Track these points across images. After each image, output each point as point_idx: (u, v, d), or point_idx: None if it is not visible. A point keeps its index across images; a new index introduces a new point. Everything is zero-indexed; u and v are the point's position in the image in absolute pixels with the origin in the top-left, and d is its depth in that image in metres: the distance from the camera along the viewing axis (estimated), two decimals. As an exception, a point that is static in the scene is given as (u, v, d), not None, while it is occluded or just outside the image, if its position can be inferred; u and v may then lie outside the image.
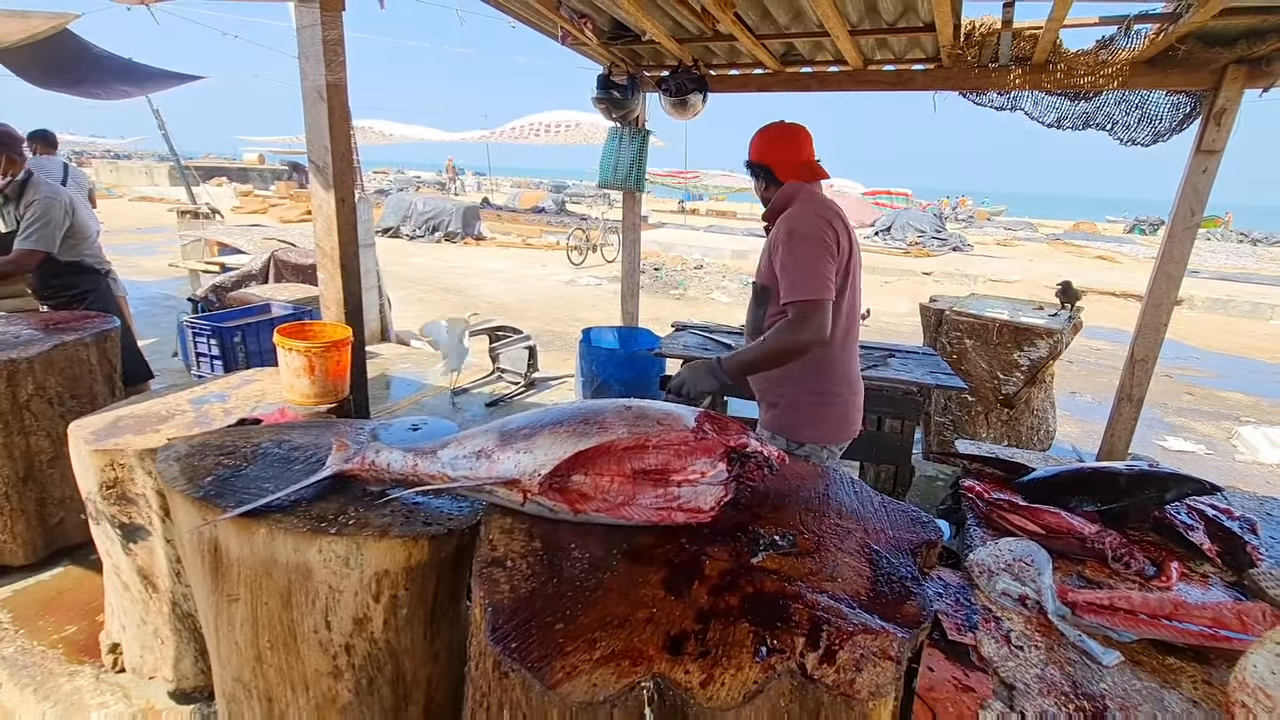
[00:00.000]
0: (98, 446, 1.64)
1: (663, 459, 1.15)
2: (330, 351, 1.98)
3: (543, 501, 1.14)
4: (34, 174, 2.95)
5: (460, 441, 1.22)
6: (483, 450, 1.17)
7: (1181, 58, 2.84)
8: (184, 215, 8.33)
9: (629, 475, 1.14)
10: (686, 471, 1.15)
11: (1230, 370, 7.42)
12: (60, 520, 2.42)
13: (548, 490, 1.12)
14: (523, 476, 1.12)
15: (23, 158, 2.95)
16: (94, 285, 3.10)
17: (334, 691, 1.26)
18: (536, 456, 1.13)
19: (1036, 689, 0.92)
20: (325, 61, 1.97)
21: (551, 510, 1.15)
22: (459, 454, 1.19)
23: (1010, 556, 1.20)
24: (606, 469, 1.13)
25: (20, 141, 2.96)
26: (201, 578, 1.32)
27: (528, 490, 1.12)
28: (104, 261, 3.18)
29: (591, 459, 1.13)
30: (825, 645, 0.91)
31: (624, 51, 3.95)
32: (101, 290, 3.12)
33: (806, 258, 1.73)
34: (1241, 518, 1.38)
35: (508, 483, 1.13)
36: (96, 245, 3.16)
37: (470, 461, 1.17)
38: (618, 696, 0.82)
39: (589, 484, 1.13)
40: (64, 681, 1.90)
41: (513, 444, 1.16)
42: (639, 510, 1.15)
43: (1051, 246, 20.12)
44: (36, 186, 2.89)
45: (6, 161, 2.85)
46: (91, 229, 3.15)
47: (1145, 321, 3.21)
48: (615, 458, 1.14)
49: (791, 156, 1.92)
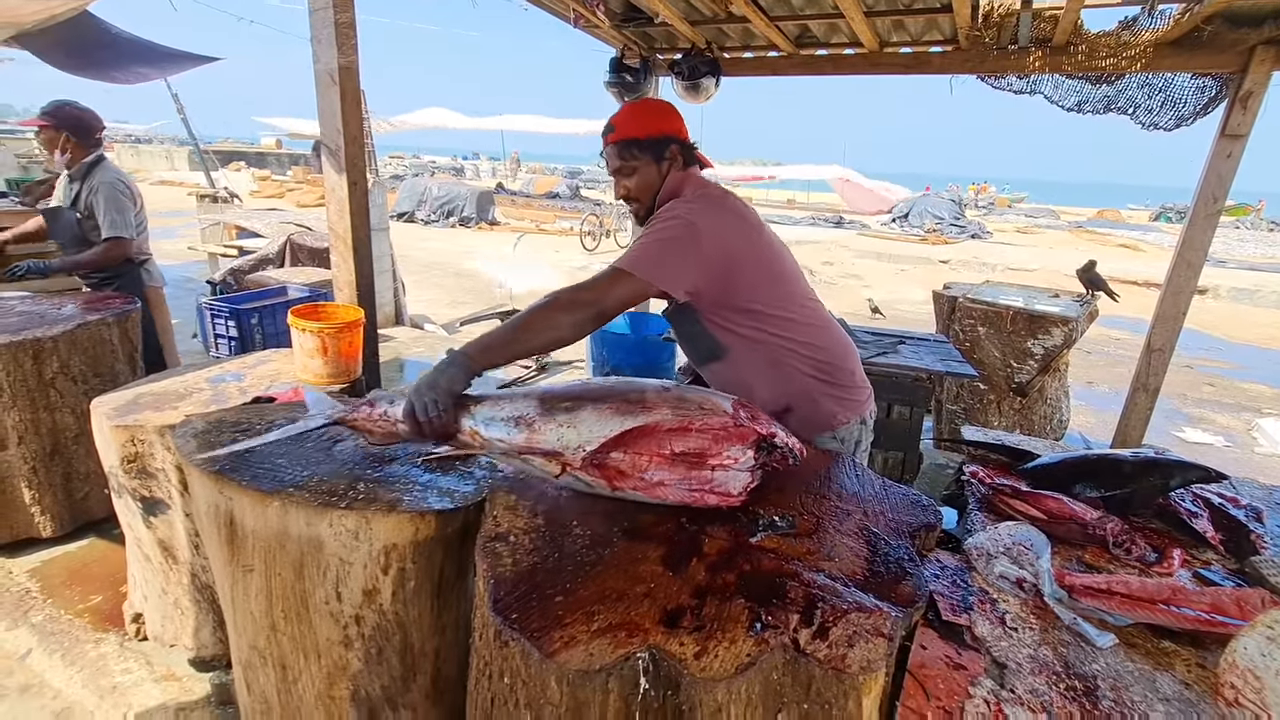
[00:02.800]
0: (119, 422, 1.69)
1: (701, 443, 1.17)
2: (343, 332, 2.02)
3: (581, 476, 1.15)
4: (105, 158, 2.98)
5: (496, 402, 1.20)
6: (521, 417, 1.16)
7: (1207, 39, 2.77)
8: (203, 199, 8.44)
9: (667, 456, 1.16)
10: (721, 456, 1.17)
11: (1254, 361, 7.27)
12: (85, 495, 2.49)
13: (588, 466, 1.13)
14: (565, 450, 1.13)
15: (89, 144, 2.94)
16: (124, 272, 3.08)
17: (345, 660, 1.30)
18: (581, 432, 1.14)
19: (1028, 668, 0.93)
20: (337, 44, 1.98)
21: (588, 485, 1.17)
22: (494, 415, 1.17)
23: (1009, 541, 1.21)
24: (647, 449, 1.16)
25: (91, 129, 2.95)
26: (218, 549, 1.36)
27: (569, 464, 1.13)
28: (143, 251, 3.15)
29: (634, 438, 1.15)
30: (819, 622, 0.93)
31: (636, 34, 3.92)
32: (129, 279, 3.10)
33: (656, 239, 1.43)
34: (1247, 506, 1.37)
35: (549, 454, 1.13)
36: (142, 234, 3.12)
37: (507, 427, 1.16)
38: (613, 666, 0.84)
39: (628, 462, 1.15)
40: (90, 648, 1.97)
41: (554, 415, 1.15)
42: (673, 491, 1.17)
43: (1073, 234, 19.75)
44: (105, 169, 2.92)
45: (65, 141, 2.87)
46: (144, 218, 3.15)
47: (1163, 310, 3.16)
48: (657, 439, 1.16)
49: (684, 131, 1.57)
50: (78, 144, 2.91)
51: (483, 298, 8.13)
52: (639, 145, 1.51)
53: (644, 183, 1.54)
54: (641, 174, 1.53)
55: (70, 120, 2.91)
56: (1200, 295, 10.78)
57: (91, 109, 2.97)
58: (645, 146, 1.51)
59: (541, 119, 15.21)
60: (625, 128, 1.53)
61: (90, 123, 2.96)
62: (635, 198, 1.57)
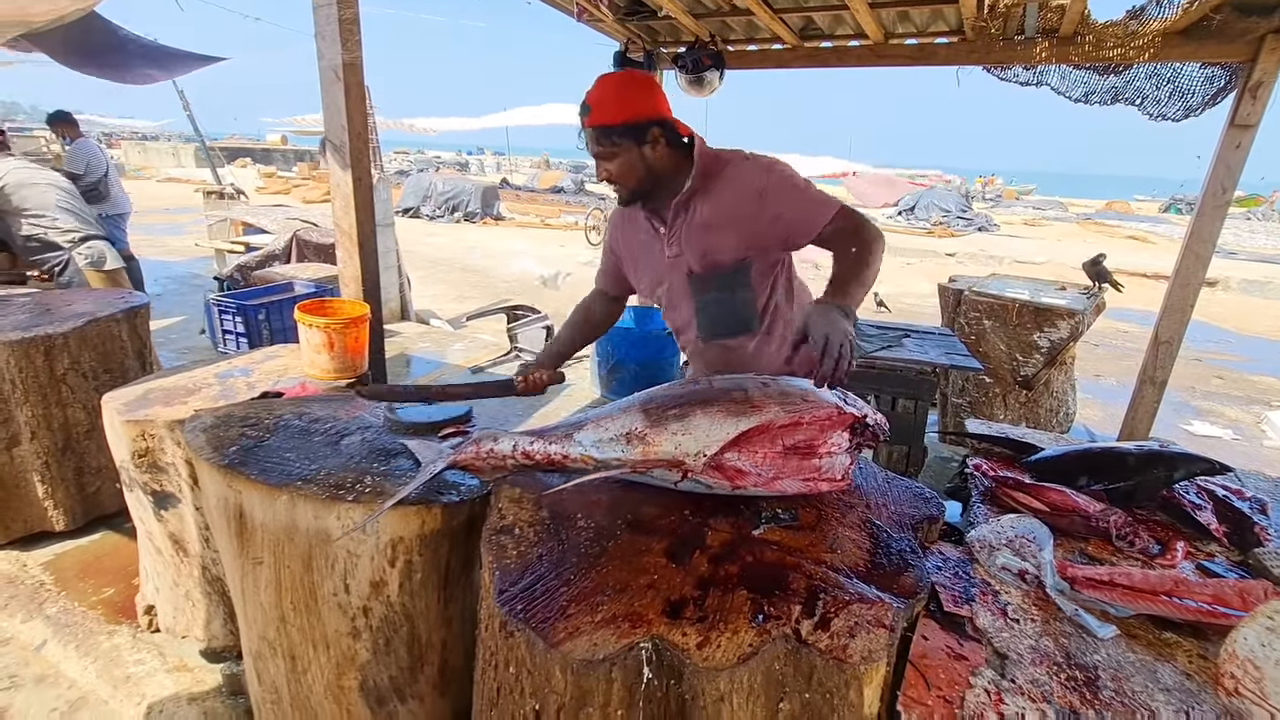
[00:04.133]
0: (129, 417, 1.71)
1: (811, 434, 1.20)
2: (349, 328, 2.03)
3: (702, 479, 1.17)
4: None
5: (598, 424, 1.23)
6: (632, 433, 1.19)
7: (1216, 28, 2.74)
8: (210, 196, 8.48)
9: (781, 451, 1.19)
10: (829, 444, 1.21)
11: (1265, 354, 7.22)
12: (97, 489, 2.53)
13: (709, 470, 1.16)
14: (686, 458, 1.15)
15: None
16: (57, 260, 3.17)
17: (353, 651, 1.32)
18: (698, 438, 1.16)
19: (1029, 659, 0.93)
20: (341, 41, 1.99)
21: (709, 487, 1.19)
22: (602, 437, 1.21)
23: (1012, 533, 1.21)
24: (761, 446, 1.18)
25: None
26: (228, 542, 1.38)
27: (690, 470, 1.16)
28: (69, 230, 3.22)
29: (749, 438, 1.17)
30: (821, 613, 0.94)
31: (640, 27, 3.91)
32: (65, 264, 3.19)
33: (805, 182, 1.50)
34: (1252, 498, 1.37)
35: (670, 464, 1.16)
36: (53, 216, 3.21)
37: (620, 445, 1.18)
38: (617, 656, 0.86)
39: (744, 461, 1.18)
40: (103, 640, 2.00)
41: (666, 425, 1.18)
42: (789, 483, 1.20)
43: (1081, 227, 19.60)
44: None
45: None
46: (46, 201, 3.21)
47: (1171, 302, 3.14)
48: (770, 435, 1.18)
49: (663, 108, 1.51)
50: None
51: (488, 292, 8.15)
52: (616, 132, 1.46)
53: (626, 167, 1.49)
54: (623, 159, 1.48)
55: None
56: (1210, 287, 10.69)
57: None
58: (624, 133, 1.46)
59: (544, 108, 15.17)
60: (601, 112, 1.46)
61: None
62: (618, 180, 1.52)
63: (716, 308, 1.62)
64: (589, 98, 1.49)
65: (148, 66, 6.39)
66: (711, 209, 1.52)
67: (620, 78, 1.53)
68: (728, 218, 1.51)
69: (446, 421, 1.58)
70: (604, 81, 1.50)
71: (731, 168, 1.52)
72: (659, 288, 1.70)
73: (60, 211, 3.24)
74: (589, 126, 1.48)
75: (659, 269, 1.67)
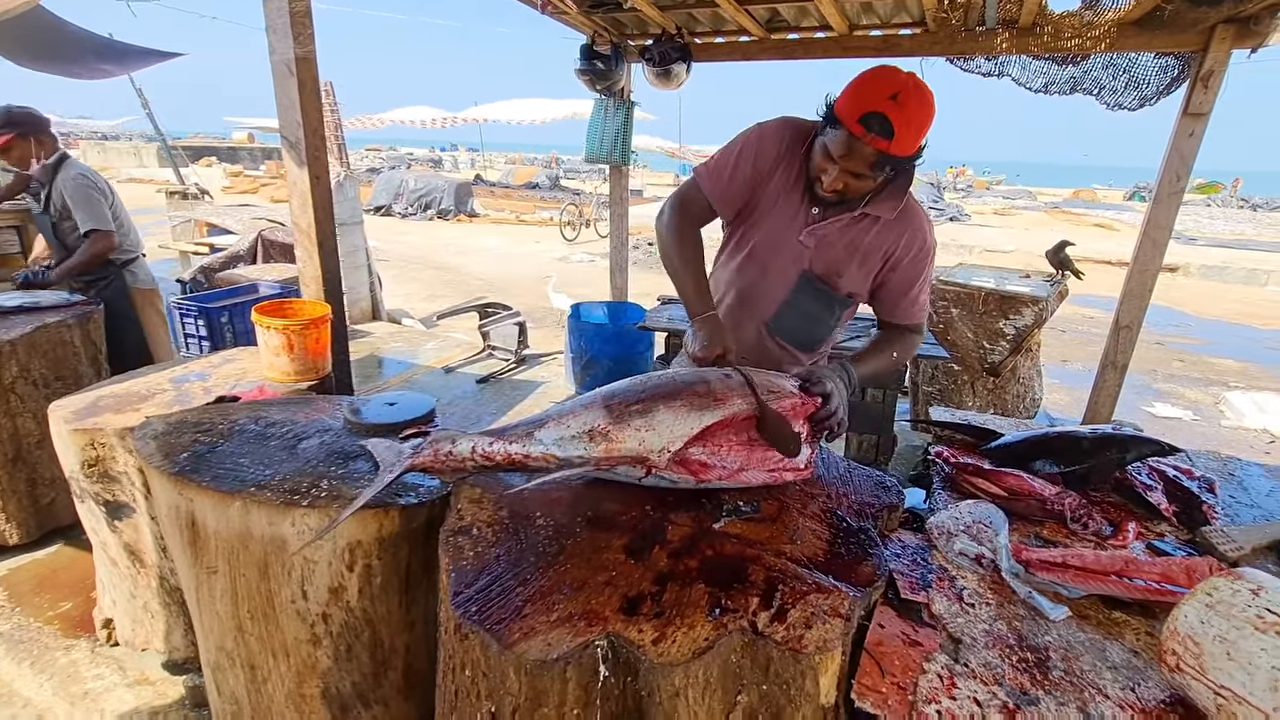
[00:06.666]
0: (77, 426, 1.66)
1: None
2: (309, 329, 1.99)
3: (666, 475, 1.17)
4: (69, 155, 2.90)
5: (559, 421, 1.20)
6: (595, 430, 1.16)
7: (1168, 18, 2.80)
8: (173, 196, 8.26)
9: (745, 442, 1.20)
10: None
11: (1222, 337, 7.44)
12: (52, 501, 2.45)
13: (673, 465, 1.15)
14: (650, 454, 1.14)
15: (54, 139, 2.89)
16: (105, 275, 2.96)
17: (314, 658, 1.30)
18: (662, 434, 1.15)
19: (983, 642, 0.94)
20: (293, 35, 1.93)
21: (673, 482, 1.18)
22: (563, 435, 1.18)
23: (970, 518, 1.23)
24: (726, 439, 1.19)
25: (48, 124, 2.89)
26: (181, 551, 1.35)
27: (655, 466, 1.15)
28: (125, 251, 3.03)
29: (713, 430, 1.17)
30: (778, 604, 0.94)
31: (606, 20, 3.88)
32: (111, 281, 2.98)
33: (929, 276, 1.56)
34: (1201, 478, 1.40)
35: (634, 460, 1.15)
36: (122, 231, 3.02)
37: (582, 442, 1.16)
38: (571, 654, 0.85)
39: (708, 454, 1.18)
40: (60, 655, 1.95)
41: (629, 422, 1.16)
42: (754, 474, 1.21)
43: (1049, 215, 19.99)
44: (69, 166, 2.85)
45: (36, 144, 2.82)
46: (124, 214, 3.04)
47: (1130, 288, 3.21)
48: (734, 427, 1.19)
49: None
50: (48, 143, 2.85)
51: (460, 290, 8.06)
52: (902, 162, 1.35)
53: (868, 186, 1.40)
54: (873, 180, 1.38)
55: (31, 123, 2.83)
56: (1171, 273, 10.99)
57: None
58: (905, 163, 1.37)
59: (518, 103, 15.02)
60: (906, 139, 1.28)
61: (44, 118, 2.89)
62: (850, 193, 1.41)
63: (805, 314, 1.59)
64: (894, 116, 1.25)
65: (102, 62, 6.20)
66: (876, 240, 1.48)
67: (927, 97, 1.28)
68: (878, 256, 1.49)
69: (408, 422, 1.55)
70: (910, 97, 1.25)
71: (916, 218, 1.49)
72: (766, 245, 1.55)
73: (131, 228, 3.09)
74: (880, 150, 1.28)
75: (777, 234, 1.52)
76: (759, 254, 1.56)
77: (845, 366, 1.43)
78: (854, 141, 1.29)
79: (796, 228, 1.50)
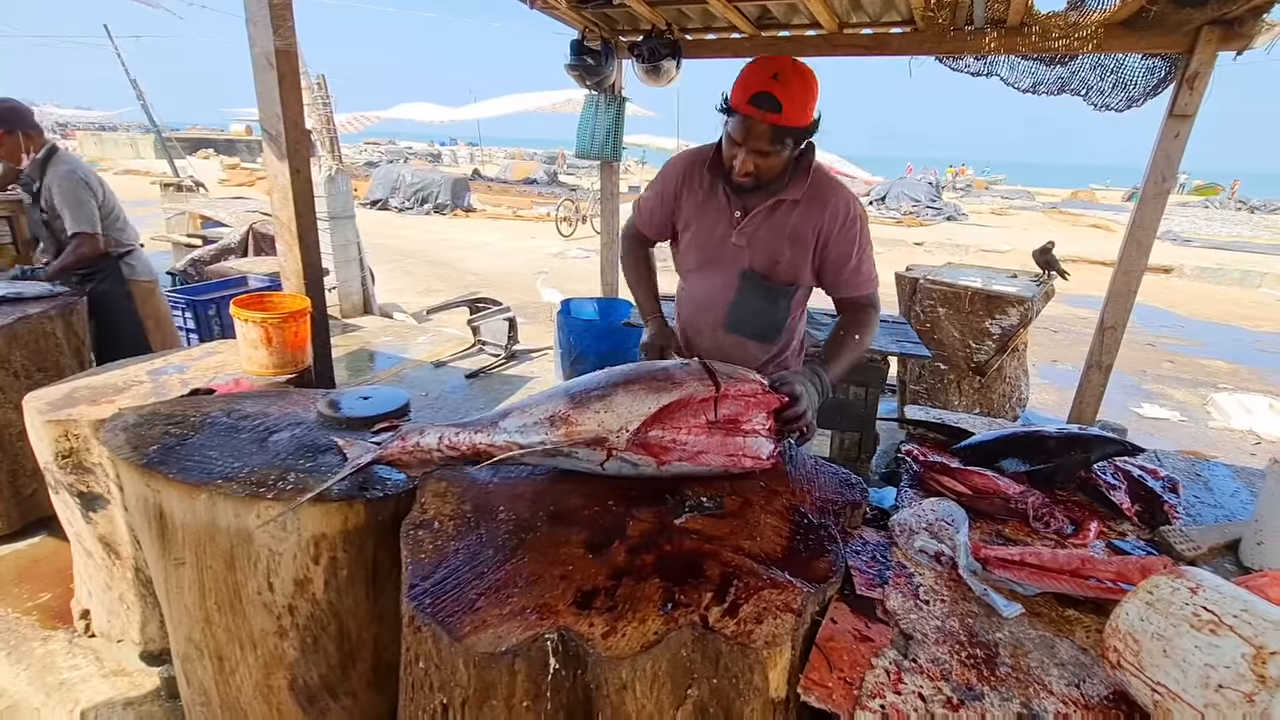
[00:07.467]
0: (51, 417, 1.66)
1: (735, 408, 1.23)
2: (288, 322, 1.99)
3: (628, 457, 1.17)
4: (58, 149, 2.87)
5: (523, 411, 1.22)
6: (556, 415, 1.17)
7: (1154, 19, 2.80)
8: (167, 188, 8.23)
9: (704, 426, 1.21)
10: (752, 422, 1.24)
11: (1214, 338, 7.45)
12: (34, 492, 2.45)
13: (633, 446, 1.16)
14: (609, 434, 1.15)
15: (39, 131, 2.85)
16: (102, 268, 2.92)
17: (280, 650, 1.30)
18: (620, 415, 1.16)
19: (933, 638, 0.95)
20: (273, 26, 1.93)
21: (635, 465, 1.19)
22: (526, 422, 1.19)
23: (932, 516, 1.24)
24: (685, 422, 1.20)
25: (31, 114, 2.86)
26: (150, 543, 1.35)
27: (614, 448, 1.16)
28: (120, 244, 2.99)
29: (672, 413, 1.18)
30: (731, 599, 0.95)
31: (597, 15, 3.87)
32: (108, 275, 2.94)
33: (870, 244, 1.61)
34: (1165, 478, 1.41)
35: (593, 441, 1.15)
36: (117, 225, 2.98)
37: (544, 428, 1.17)
38: (520, 647, 0.86)
39: (668, 437, 1.19)
40: (37, 646, 1.95)
41: (589, 405, 1.17)
42: (714, 458, 1.22)
43: (1047, 215, 19.99)
44: (59, 161, 2.81)
45: (25, 138, 2.78)
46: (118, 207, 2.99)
47: (1115, 289, 3.21)
48: (693, 410, 1.20)
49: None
50: (35, 137, 2.81)
51: (455, 285, 8.05)
52: (796, 134, 1.42)
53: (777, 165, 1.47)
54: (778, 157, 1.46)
55: (15, 117, 2.79)
56: (1166, 274, 11.00)
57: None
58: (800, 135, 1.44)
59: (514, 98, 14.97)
60: (793, 112, 1.38)
61: (27, 110, 2.86)
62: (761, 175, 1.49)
63: (755, 309, 1.68)
64: (778, 92, 1.35)
65: None
66: (799, 221, 1.56)
67: (807, 74, 1.40)
68: (809, 235, 1.56)
69: (382, 416, 1.56)
70: (790, 75, 1.37)
71: (831, 190, 1.56)
72: (703, 257, 1.69)
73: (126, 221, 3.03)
74: (773, 123, 1.37)
75: (712, 245, 1.65)
76: (703, 265, 1.70)
77: (817, 371, 1.45)
78: (749, 121, 1.40)
79: (726, 232, 1.62)
